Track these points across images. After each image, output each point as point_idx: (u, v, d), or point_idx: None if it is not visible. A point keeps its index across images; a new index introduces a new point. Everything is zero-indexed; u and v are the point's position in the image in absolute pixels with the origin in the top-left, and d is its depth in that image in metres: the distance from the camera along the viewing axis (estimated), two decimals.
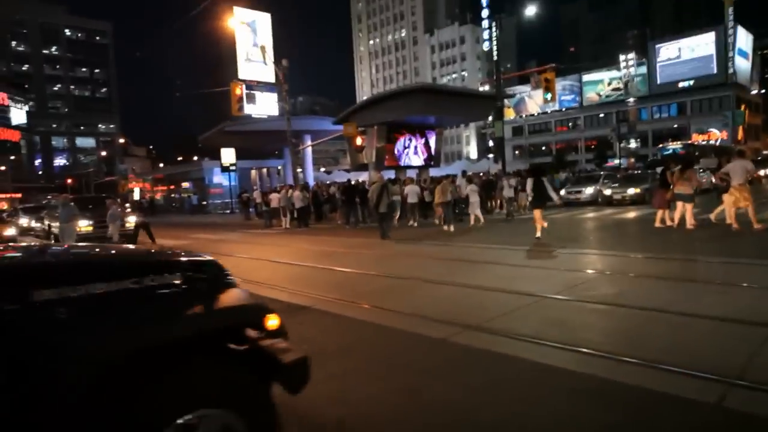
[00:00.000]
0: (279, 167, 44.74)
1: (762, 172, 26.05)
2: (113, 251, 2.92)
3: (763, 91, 69.15)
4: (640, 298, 5.38)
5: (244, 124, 36.19)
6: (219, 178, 42.85)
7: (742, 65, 62.61)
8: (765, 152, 48.59)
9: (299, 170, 36.29)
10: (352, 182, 20.62)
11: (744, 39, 62.87)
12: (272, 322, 2.13)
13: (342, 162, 64.20)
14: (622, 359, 3.62)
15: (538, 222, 10.80)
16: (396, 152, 31.53)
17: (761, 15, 75.50)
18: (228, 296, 2.18)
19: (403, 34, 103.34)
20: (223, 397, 1.83)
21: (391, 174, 27.69)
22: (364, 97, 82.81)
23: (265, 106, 36.01)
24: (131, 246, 6.70)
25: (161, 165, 75.32)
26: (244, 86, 21.77)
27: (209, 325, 2.04)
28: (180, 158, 75.82)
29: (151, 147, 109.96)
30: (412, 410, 3.02)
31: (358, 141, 24.26)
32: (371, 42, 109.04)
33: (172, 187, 53.73)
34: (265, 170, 47.36)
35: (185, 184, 51.16)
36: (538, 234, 10.71)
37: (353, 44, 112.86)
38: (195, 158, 60.90)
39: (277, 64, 26.89)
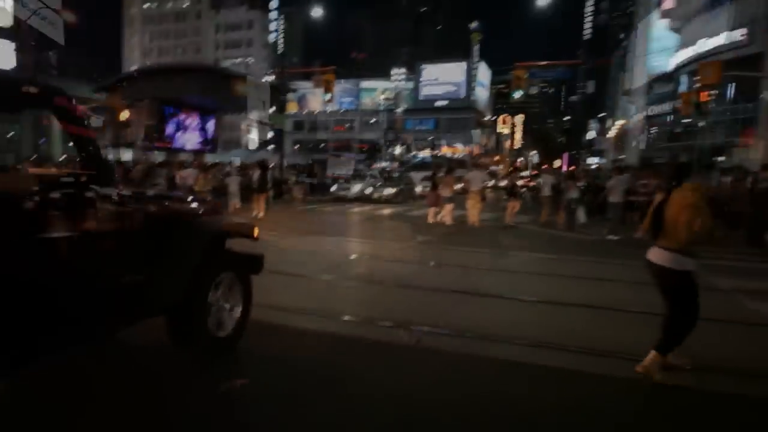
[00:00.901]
0: (18, 135, 36.82)
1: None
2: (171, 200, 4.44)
3: (494, 118, 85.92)
4: (384, 277, 6.68)
5: None
6: None
7: (483, 95, 76.48)
8: (492, 168, 60.01)
9: (42, 140, 30.90)
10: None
11: (485, 73, 76.87)
12: (256, 232, 3.91)
13: (99, 137, 56.12)
14: (364, 321, 4.68)
15: (259, 204, 13.70)
16: (169, 133, 29.32)
17: (501, 57, 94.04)
18: (235, 220, 4.40)
19: (185, 5, 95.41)
20: (233, 266, 3.70)
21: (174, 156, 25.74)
22: (133, 66, 74.09)
23: None
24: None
25: None
26: None
27: (233, 231, 3.87)
28: None
29: None
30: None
31: (124, 115, 22.01)
32: (147, 5, 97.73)
33: None
34: None
35: None
36: (257, 213, 13.53)
37: (123, 2, 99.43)
38: None
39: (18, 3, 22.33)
